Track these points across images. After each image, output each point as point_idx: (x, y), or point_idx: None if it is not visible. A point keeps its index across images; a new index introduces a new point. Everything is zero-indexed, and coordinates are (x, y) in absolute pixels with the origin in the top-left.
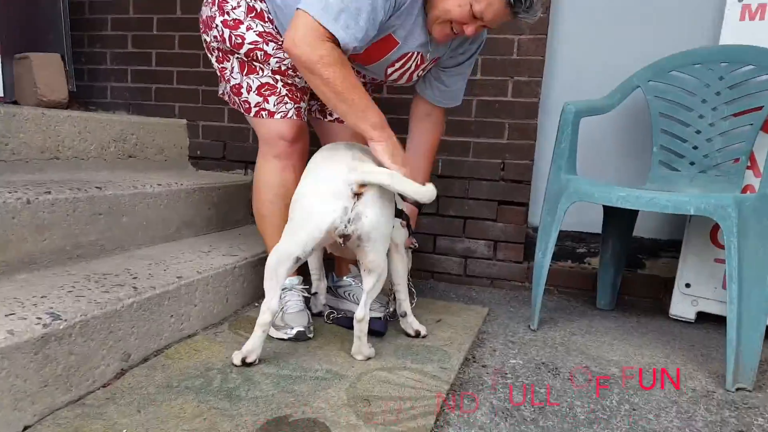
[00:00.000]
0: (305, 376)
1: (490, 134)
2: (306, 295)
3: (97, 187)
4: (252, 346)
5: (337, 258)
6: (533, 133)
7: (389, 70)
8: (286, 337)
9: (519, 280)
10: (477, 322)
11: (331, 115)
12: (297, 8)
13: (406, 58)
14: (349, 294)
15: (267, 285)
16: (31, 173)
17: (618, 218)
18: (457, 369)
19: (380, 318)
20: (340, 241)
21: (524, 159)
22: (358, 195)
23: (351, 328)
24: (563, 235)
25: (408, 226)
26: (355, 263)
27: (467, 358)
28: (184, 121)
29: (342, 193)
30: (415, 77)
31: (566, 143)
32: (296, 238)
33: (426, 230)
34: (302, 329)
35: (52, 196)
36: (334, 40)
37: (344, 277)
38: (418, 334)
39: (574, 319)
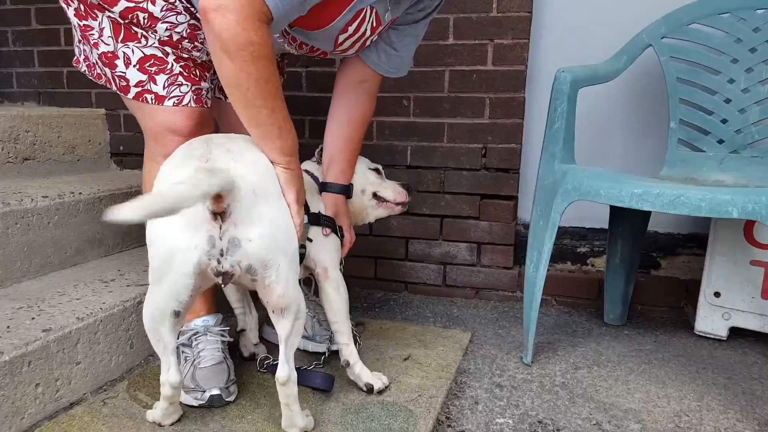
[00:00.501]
0: None
1: (468, 113)
2: (225, 339)
3: None
4: (158, 416)
5: None
6: (520, 110)
7: (341, 38)
8: (196, 404)
9: (509, 289)
10: (456, 356)
11: None
12: None
13: (360, 19)
14: None
15: (158, 352)
16: None
17: (628, 213)
18: None
19: (320, 366)
20: (219, 282)
21: (510, 142)
22: (219, 214)
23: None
24: (560, 232)
25: (335, 231)
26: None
27: (439, 420)
28: (103, 110)
29: (199, 217)
30: (367, 44)
31: (561, 122)
32: (163, 289)
33: (395, 233)
34: (217, 392)
35: None
36: (269, 16)
37: None
38: (371, 390)
39: (577, 342)
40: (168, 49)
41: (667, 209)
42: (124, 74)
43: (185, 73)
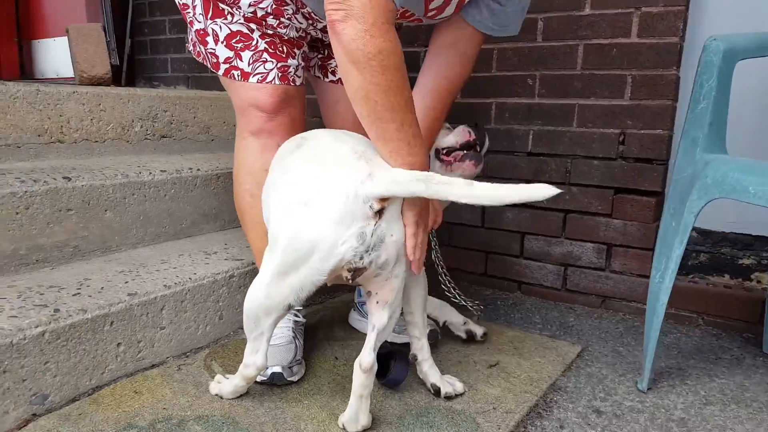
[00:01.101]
0: None
1: (605, 92)
2: (299, 320)
3: (65, 178)
4: (226, 391)
5: None
6: (670, 90)
7: (431, 4)
8: (259, 379)
9: (643, 301)
10: (553, 371)
11: (333, 74)
12: None
13: None
14: None
15: (249, 335)
16: (24, 160)
17: None
18: None
19: (403, 355)
20: (348, 276)
21: (656, 128)
22: (379, 213)
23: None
24: (719, 239)
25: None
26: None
27: None
28: None
29: (356, 213)
30: (465, 3)
31: (707, 102)
32: (287, 282)
33: (510, 227)
34: (279, 370)
35: None
36: (395, 12)
37: None
38: (437, 393)
39: (718, 372)
40: (253, 26)
41: None
42: (214, 51)
43: (270, 50)
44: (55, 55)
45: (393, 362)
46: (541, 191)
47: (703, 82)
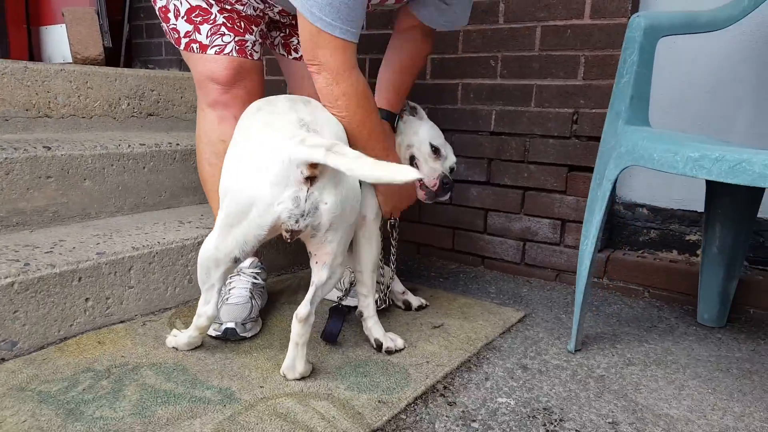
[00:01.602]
0: (187, 394)
1: (560, 73)
2: (257, 281)
3: (45, 147)
4: (181, 343)
5: None
6: None
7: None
8: (213, 334)
9: (594, 275)
10: (491, 332)
11: (296, 51)
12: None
13: None
14: None
15: (202, 287)
16: (12, 132)
17: (728, 189)
18: (403, 406)
19: (339, 310)
20: (287, 236)
21: (606, 106)
22: (310, 179)
23: (331, 341)
24: (667, 215)
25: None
26: None
27: (434, 388)
28: None
29: (290, 177)
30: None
31: (629, 76)
32: (232, 235)
33: (474, 203)
34: (232, 326)
35: None
36: (355, 51)
37: None
38: (380, 347)
39: (649, 338)
40: (212, 1)
41: (726, 178)
42: (175, 26)
43: (228, 24)
44: (61, 40)
45: (328, 317)
46: (404, 174)
47: (626, 57)
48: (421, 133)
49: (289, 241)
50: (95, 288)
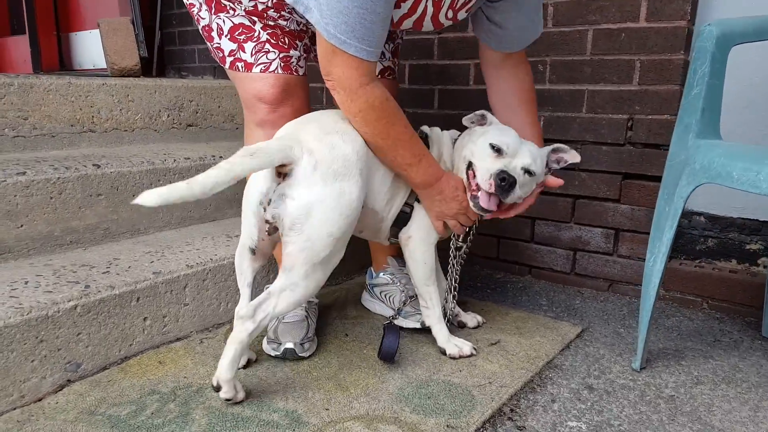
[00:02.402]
0: (255, 417)
1: (614, 78)
2: (312, 299)
3: (95, 165)
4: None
5: (372, 247)
6: (678, 75)
7: (403, 21)
8: (273, 353)
9: None
10: (551, 350)
11: None
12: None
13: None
14: (384, 295)
15: (238, 282)
16: (59, 148)
17: None
18: (473, 431)
19: (392, 327)
20: (266, 228)
21: (664, 113)
22: (281, 174)
23: (388, 360)
24: (726, 224)
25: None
26: (393, 253)
27: (501, 411)
28: None
29: (270, 171)
30: (444, 20)
31: (701, 87)
32: (243, 226)
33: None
34: (291, 346)
35: (26, 177)
36: (372, 68)
37: (380, 273)
38: (443, 353)
39: (714, 354)
40: (255, 18)
41: None
42: (219, 45)
43: (272, 41)
44: (91, 46)
45: (383, 336)
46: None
47: (696, 68)
48: (482, 138)
49: (268, 235)
50: (152, 307)
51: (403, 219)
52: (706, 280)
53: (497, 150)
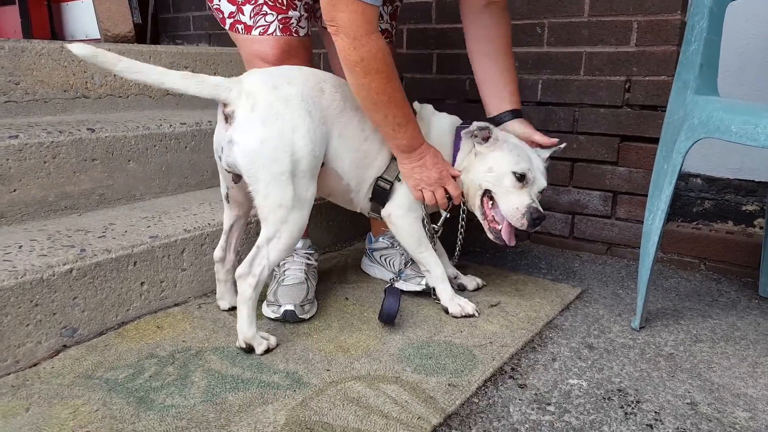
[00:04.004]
0: (255, 379)
1: (611, 40)
2: (310, 262)
3: (89, 129)
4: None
5: None
6: (675, 35)
7: None
8: (272, 316)
9: None
10: (551, 311)
11: None
12: None
13: None
14: (384, 259)
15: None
16: (52, 114)
17: None
18: (474, 389)
19: (394, 293)
20: (231, 180)
21: (661, 74)
22: (226, 117)
23: (389, 322)
24: (723, 185)
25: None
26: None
27: (502, 369)
28: None
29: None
30: None
31: (698, 43)
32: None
33: None
34: (291, 308)
35: (19, 141)
36: (376, 14)
37: (380, 238)
38: (446, 311)
39: (712, 313)
40: None
41: None
42: (219, 6)
43: (270, 3)
44: (83, 16)
45: (383, 298)
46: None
47: (694, 24)
48: (498, 167)
49: (235, 184)
50: (150, 272)
51: (382, 195)
52: (703, 241)
53: (520, 178)
